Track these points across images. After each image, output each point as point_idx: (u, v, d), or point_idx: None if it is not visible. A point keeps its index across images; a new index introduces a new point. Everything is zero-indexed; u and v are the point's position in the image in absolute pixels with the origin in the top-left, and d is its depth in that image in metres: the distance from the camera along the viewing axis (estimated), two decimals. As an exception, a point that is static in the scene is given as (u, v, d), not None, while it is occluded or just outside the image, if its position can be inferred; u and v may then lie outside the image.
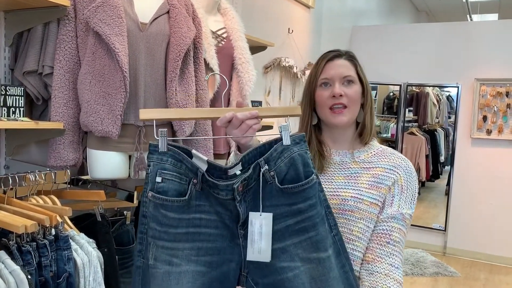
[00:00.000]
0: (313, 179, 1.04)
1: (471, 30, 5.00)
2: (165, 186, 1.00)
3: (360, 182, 1.23)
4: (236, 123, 1.06)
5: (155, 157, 1.01)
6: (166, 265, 1.01)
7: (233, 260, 1.04)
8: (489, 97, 4.83)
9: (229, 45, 2.20)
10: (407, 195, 1.24)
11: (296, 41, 3.94)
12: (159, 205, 1.01)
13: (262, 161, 1.02)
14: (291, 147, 1.03)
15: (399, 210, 1.22)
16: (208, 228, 1.02)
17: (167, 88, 1.75)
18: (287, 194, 1.03)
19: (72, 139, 1.68)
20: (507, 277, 4.45)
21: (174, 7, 1.79)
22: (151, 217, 1.02)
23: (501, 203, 4.80)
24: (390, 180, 1.23)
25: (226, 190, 1.01)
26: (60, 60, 1.63)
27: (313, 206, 1.03)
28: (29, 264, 1.30)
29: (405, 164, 1.27)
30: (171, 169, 1.01)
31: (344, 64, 1.27)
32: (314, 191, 1.04)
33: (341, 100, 1.23)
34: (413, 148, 5.52)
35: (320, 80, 1.27)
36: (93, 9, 1.60)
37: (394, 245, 1.20)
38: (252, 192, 1.03)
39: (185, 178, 1.01)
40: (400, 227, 1.22)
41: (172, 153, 1.01)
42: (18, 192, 1.55)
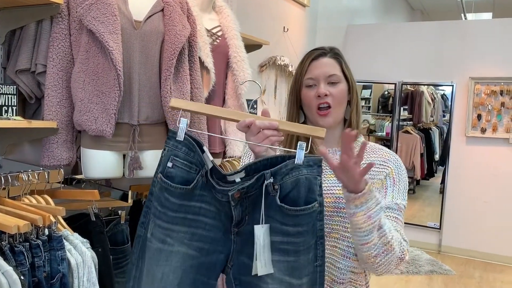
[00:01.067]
0: (313, 207, 1.02)
1: (466, 29, 5.01)
2: (174, 172, 1.05)
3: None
4: (254, 130, 1.06)
5: (171, 143, 1.06)
6: (159, 243, 1.07)
7: (223, 252, 1.06)
8: (484, 96, 4.85)
9: (224, 43, 2.19)
10: (399, 187, 1.25)
11: (292, 39, 3.94)
12: (164, 188, 1.06)
13: (268, 173, 1.02)
14: (302, 167, 1.02)
15: (393, 201, 1.22)
16: (205, 218, 1.06)
17: (162, 86, 1.74)
18: (281, 212, 1.02)
19: (65, 138, 1.66)
20: (502, 275, 4.48)
21: (169, 5, 1.78)
22: (156, 196, 1.08)
23: (496, 201, 4.82)
24: (382, 174, 1.25)
25: (222, 193, 1.03)
26: (53, 58, 1.62)
27: (301, 233, 1.03)
28: (22, 264, 1.29)
29: (394, 158, 1.29)
30: (182, 157, 1.05)
31: (329, 62, 1.27)
32: (309, 219, 1.02)
33: (326, 99, 1.24)
34: (408, 146, 5.54)
35: (305, 80, 1.27)
36: (87, 6, 1.58)
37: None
38: (252, 200, 1.04)
39: (195, 167, 1.05)
40: (395, 216, 1.21)
41: (187, 143, 1.05)
42: (11, 191, 1.53)
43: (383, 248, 1.11)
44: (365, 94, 6.15)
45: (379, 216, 1.08)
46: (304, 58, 1.30)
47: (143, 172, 1.79)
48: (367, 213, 1.06)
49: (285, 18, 3.86)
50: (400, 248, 1.15)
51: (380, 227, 1.09)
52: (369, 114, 6.04)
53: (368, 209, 1.06)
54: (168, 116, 1.76)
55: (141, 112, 1.72)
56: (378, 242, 1.10)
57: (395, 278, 4.24)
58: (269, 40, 2.98)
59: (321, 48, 1.30)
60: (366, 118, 6.01)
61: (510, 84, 4.73)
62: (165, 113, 1.76)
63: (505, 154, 4.79)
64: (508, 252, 4.76)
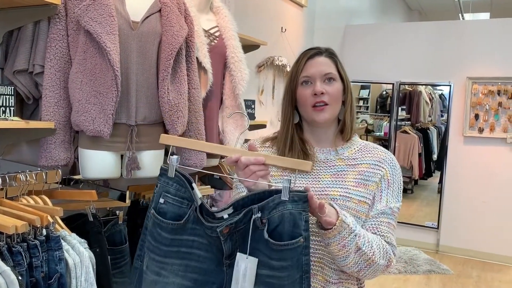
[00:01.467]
0: (297, 242, 1.04)
1: (463, 29, 5.03)
2: (166, 208, 1.09)
3: (347, 180, 1.24)
4: (240, 166, 1.08)
5: (162, 180, 1.11)
6: (154, 275, 1.11)
7: (215, 283, 1.09)
8: (481, 96, 4.86)
9: (221, 44, 2.19)
10: (393, 189, 1.27)
11: (289, 40, 3.94)
12: (156, 224, 1.10)
13: (255, 208, 1.04)
14: (287, 203, 1.04)
15: (387, 205, 1.25)
16: (199, 250, 1.09)
17: (159, 87, 1.74)
18: (267, 246, 1.05)
19: (63, 139, 1.66)
20: (499, 274, 4.49)
21: (166, 5, 1.78)
22: (149, 231, 1.12)
23: (493, 200, 4.83)
24: (376, 176, 1.26)
25: (211, 229, 1.07)
26: (51, 59, 1.62)
27: (285, 268, 1.04)
28: (20, 265, 1.29)
29: (389, 157, 1.30)
30: (174, 193, 1.09)
31: (325, 61, 1.28)
32: (294, 254, 1.04)
33: (322, 98, 1.24)
34: (406, 146, 5.55)
35: (301, 78, 1.27)
36: (84, 7, 1.58)
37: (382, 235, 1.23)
38: (241, 233, 1.07)
39: (187, 202, 1.09)
40: (388, 221, 1.24)
41: (177, 179, 1.09)
42: (9, 192, 1.54)
43: (365, 264, 1.16)
44: (363, 94, 6.17)
45: (354, 242, 1.12)
46: (299, 57, 1.30)
47: (141, 172, 1.79)
48: (341, 243, 1.11)
49: (282, 18, 3.86)
50: (385, 257, 1.19)
51: (358, 248, 1.14)
52: (367, 114, 6.05)
53: (342, 239, 1.11)
54: (165, 116, 1.76)
55: (139, 113, 1.72)
56: (358, 260, 1.15)
57: (393, 277, 4.25)
58: (266, 41, 2.98)
59: (316, 48, 1.31)
60: (364, 118, 6.02)
61: (507, 84, 4.75)
62: (163, 113, 1.76)
63: (503, 154, 4.80)
64: (506, 252, 4.77)
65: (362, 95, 6.18)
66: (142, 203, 2.01)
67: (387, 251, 1.20)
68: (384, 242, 1.21)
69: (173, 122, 1.77)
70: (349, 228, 1.12)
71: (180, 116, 1.78)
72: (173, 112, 1.76)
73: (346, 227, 1.11)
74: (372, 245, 1.17)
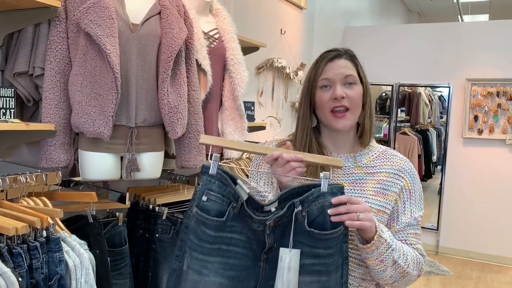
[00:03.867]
0: (339, 230, 1.09)
1: (462, 31, 5.04)
2: (209, 205, 1.10)
3: (366, 189, 1.23)
4: (281, 162, 1.12)
5: (204, 178, 1.12)
6: (196, 274, 1.12)
7: (252, 279, 1.12)
8: (480, 97, 4.87)
9: (221, 46, 2.20)
10: (415, 198, 1.26)
11: (289, 41, 3.95)
12: (200, 221, 1.11)
13: (297, 202, 1.09)
14: (327, 195, 1.09)
15: (412, 216, 1.25)
16: (237, 247, 1.12)
17: (159, 89, 1.75)
18: (311, 237, 1.09)
19: (63, 141, 1.67)
20: (499, 276, 4.49)
21: (166, 8, 1.79)
22: (192, 230, 1.12)
23: (493, 202, 4.84)
24: (397, 187, 1.24)
25: (259, 223, 1.10)
26: (51, 61, 1.63)
27: (331, 255, 1.10)
28: (20, 266, 1.30)
29: (408, 166, 1.28)
30: (216, 190, 1.11)
31: (345, 64, 1.23)
32: (337, 241, 1.10)
33: (342, 102, 1.20)
34: (406, 148, 5.55)
35: (320, 81, 1.23)
36: (84, 10, 1.59)
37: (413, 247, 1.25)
38: (282, 227, 1.10)
39: (227, 200, 1.11)
40: (415, 232, 1.26)
41: (220, 177, 1.11)
42: (9, 194, 1.54)
43: (399, 276, 1.19)
44: (362, 95, 6.17)
45: (391, 256, 1.14)
46: (318, 59, 1.26)
47: (141, 174, 1.80)
48: (378, 258, 1.14)
49: (282, 20, 3.87)
50: (417, 268, 1.22)
51: (394, 262, 1.16)
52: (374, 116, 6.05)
53: (380, 254, 1.13)
54: (165, 118, 1.77)
55: (139, 114, 1.73)
56: (394, 273, 1.18)
57: (393, 279, 4.25)
58: (266, 43, 2.99)
59: (335, 50, 1.26)
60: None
61: (506, 86, 4.75)
62: (162, 115, 1.77)
63: (502, 155, 4.80)
64: (505, 253, 4.77)
65: (361, 96, 6.18)
66: (142, 204, 2.02)
67: (420, 261, 1.23)
68: (416, 252, 1.24)
69: (173, 124, 1.77)
70: (387, 243, 1.13)
71: (180, 118, 1.79)
72: (173, 114, 1.76)
73: (384, 242, 1.13)
74: (407, 258, 1.18)
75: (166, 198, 2.05)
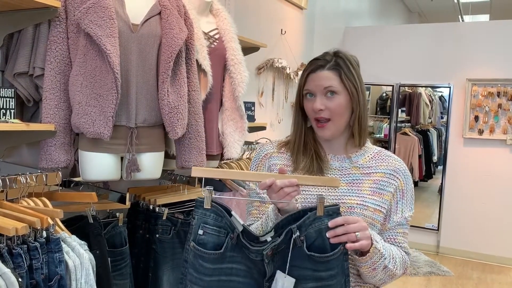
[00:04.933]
0: (339, 251, 1.12)
1: (463, 31, 5.03)
2: (205, 238, 1.12)
3: (363, 189, 1.27)
4: (275, 189, 1.12)
5: (199, 212, 1.13)
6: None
7: None
8: (481, 97, 4.87)
9: (221, 46, 2.20)
10: (407, 198, 1.31)
11: (289, 42, 3.95)
12: (197, 255, 1.13)
13: (294, 228, 1.10)
14: (323, 218, 1.11)
15: (403, 215, 1.30)
16: (238, 277, 1.14)
17: (159, 89, 1.75)
18: (312, 260, 1.11)
19: (63, 141, 1.67)
20: (500, 276, 4.48)
21: (166, 8, 1.79)
22: (190, 264, 1.15)
23: (493, 202, 4.83)
24: (391, 186, 1.29)
25: (256, 253, 1.12)
26: (51, 61, 1.63)
27: (334, 276, 1.12)
28: (20, 267, 1.30)
29: (402, 167, 1.32)
30: (212, 223, 1.12)
31: (326, 75, 1.25)
32: (338, 262, 1.12)
33: (322, 114, 1.25)
34: (406, 148, 5.55)
35: (304, 91, 1.29)
36: (84, 10, 1.59)
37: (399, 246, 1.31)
38: (282, 254, 1.12)
39: (224, 231, 1.12)
40: (403, 231, 1.32)
41: (214, 209, 1.13)
42: (9, 194, 1.54)
43: (388, 277, 1.25)
44: (363, 96, 6.17)
45: (383, 264, 1.19)
46: (305, 68, 1.30)
47: (141, 174, 1.80)
48: (371, 267, 1.18)
49: (282, 20, 3.87)
50: (403, 267, 1.29)
51: (385, 267, 1.20)
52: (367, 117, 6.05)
53: (373, 263, 1.18)
54: (165, 118, 1.77)
55: (139, 115, 1.73)
56: (383, 276, 1.23)
57: (393, 279, 4.25)
58: (266, 43, 2.99)
59: (321, 58, 1.28)
60: (364, 120, 6.02)
61: (507, 86, 4.75)
62: (163, 115, 1.77)
63: (502, 156, 4.80)
64: (506, 253, 4.77)
65: (362, 97, 6.18)
66: (142, 205, 2.02)
67: (406, 261, 1.29)
68: (403, 252, 1.29)
69: (173, 124, 1.77)
70: (380, 253, 1.17)
71: (180, 118, 1.79)
72: (173, 114, 1.76)
73: (377, 252, 1.16)
74: (396, 261, 1.23)
75: (167, 198, 2.05)
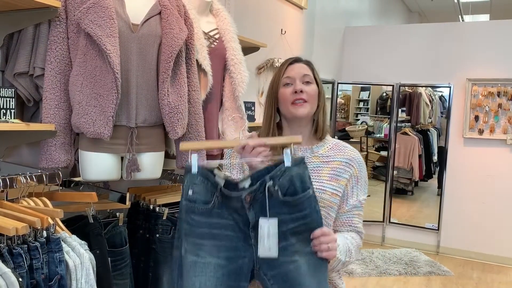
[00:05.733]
0: (309, 193, 1.26)
1: (463, 31, 5.03)
2: (194, 197, 1.25)
3: (322, 175, 1.45)
4: (248, 149, 1.30)
5: (188, 175, 1.26)
6: (194, 256, 1.26)
7: (246, 256, 1.27)
8: (481, 97, 4.86)
9: (221, 46, 2.20)
10: (361, 184, 1.49)
11: (289, 42, 3.95)
12: (189, 210, 1.26)
13: (267, 178, 1.25)
14: (292, 167, 1.26)
15: (357, 199, 1.48)
16: (226, 230, 1.27)
17: (159, 89, 1.75)
18: (287, 205, 1.25)
19: (63, 141, 1.67)
20: (500, 276, 4.48)
21: (166, 8, 1.79)
22: (183, 219, 1.27)
23: (493, 202, 4.83)
24: (347, 173, 1.47)
25: (236, 200, 1.25)
26: (51, 61, 1.63)
27: (308, 215, 1.27)
28: (20, 266, 1.30)
29: (356, 156, 1.50)
30: (199, 184, 1.26)
31: (304, 66, 1.48)
32: (310, 202, 1.27)
33: (301, 95, 1.43)
34: (406, 148, 5.55)
35: (282, 79, 1.46)
36: (84, 10, 1.59)
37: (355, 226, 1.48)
38: (260, 202, 1.26)
39: (210, 192, 1.26)
40: (359, 212, 1.49)
41: (201, 172, 1.26)
42: (9, 194, 1.54)
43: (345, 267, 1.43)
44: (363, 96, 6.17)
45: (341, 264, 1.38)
46: (281, 64, 1.50)
47: (141, 174, 1.80)
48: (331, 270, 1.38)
49: (282, 20, 3.87)
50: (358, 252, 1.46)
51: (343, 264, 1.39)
52: (368, 115, 6.06)
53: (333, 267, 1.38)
54: (165, 118, 1.77)
55: (139, 115, 1.73)
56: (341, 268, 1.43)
57: (393, 279, 4.25)
58: (266, 43, 2.99)
59: (294, 57, 1.51)
60: (365, 120, 6.03)
61: (507, 86, 4.75)
62: (163, 115, 1.77)
63: (503, 155, 4.80)
64: (506, 253, 4.77)
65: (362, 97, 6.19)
66: (142, 205, 2.02)
67: (359, 245, 1.47)
68: (357, 237, 1.47)
69: (173, 124, 1.77)
70: (339, 261, 1.36)
71: (180, 118, 1.79)
72: (173, 114, 1.76)
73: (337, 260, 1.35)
74: (351, 253, 1.40)
75: (167, 198, 2.05)
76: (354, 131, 5.91)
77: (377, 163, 5.87)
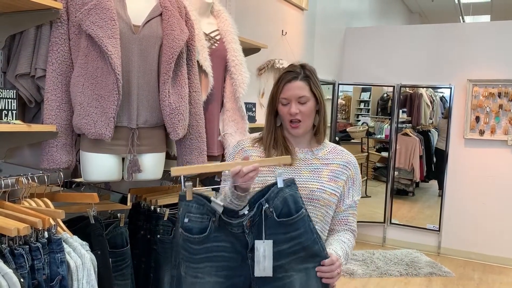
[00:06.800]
0: (302, 213, 1.36)
1: (464, 32, 5.03)
2: (190, 225, 1.33)
3: (322, 176, 1.54)
4: (241, 175, 1.37)
5: (183, 204, 1.33)
6: (193, 278, 1.36)
7: (242, 275, 1.37)
8: (482, 98, 4.86)
9: (222, 47, 2.20)
10: (356, 185, 1.60)
11: (290, 43, 3.96)
12: (186, 239, 1.34)
13: (263, 201, 1.35)
14: (284, 188, 1.36)
15: (353, 199, 1.59)
16: (224, 252, 1.36)
17: (160, 90, 1.75)
18: (282, 225, 1.34)
19: (65, 142, 1.67)
20: (501, 276, 4.48)
21: (167, 9, 1.80)
22: (181, 246, 1.36)
23: (494, 203, 4.83)
24: (344, 175, 1.57)
25: (237, 226, 1.35)
26: (53, 62, 1.63)
27: (302, 234, 1.36)
28: (22, 267, 1.30)
29: (353, 159, 1.61)
30: (195, 211, 1.33)
31: (300, 85, 1.51)
32: (304, 222, 1.36)
33: (296, 117, 1.51)
34: (407, 149, 5.55)
35: (280, 99, 1.52)
36: (86, 11, 1.60)
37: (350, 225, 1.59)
38: (257, 225, 1.35)
39: (206, 216, 1.34)
40: (353, 212, 1.60)
41: (196, 200, 1.33)
42: (11, 195, 1.55)
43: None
44: (364, 96, 6.17)
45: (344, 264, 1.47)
46: (279, 79, 1.54)
47: (142, 175, 1.80)
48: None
49: (283, 21, 3.88)
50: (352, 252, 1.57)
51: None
52: (368, 116, 6.05)
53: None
54: (166, 119, 1.77)
55: (140, 116, 1.74)
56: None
57: (394, 280, 4.25)
58: (267, 44, 3.00)
59: (293, 71, 1.53)
60: (365, 121, 6.03)
61: (508, 86, 4.75)
62: (164, 116, 1.77)
63: (504, 156, 4.79)
64: (507, 254, 4.76)
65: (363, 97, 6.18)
66: (143, 205, 2.02)
67: (354, 244, 1.58)
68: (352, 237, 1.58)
69: (174, 125, 1.78)
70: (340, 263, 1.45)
71: (181, 119, 1.79)
72: (174, 115, 1.77)
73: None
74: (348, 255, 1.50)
75: (168, 199, 2.05)
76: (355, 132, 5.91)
77: (378, 164, 5.87)
